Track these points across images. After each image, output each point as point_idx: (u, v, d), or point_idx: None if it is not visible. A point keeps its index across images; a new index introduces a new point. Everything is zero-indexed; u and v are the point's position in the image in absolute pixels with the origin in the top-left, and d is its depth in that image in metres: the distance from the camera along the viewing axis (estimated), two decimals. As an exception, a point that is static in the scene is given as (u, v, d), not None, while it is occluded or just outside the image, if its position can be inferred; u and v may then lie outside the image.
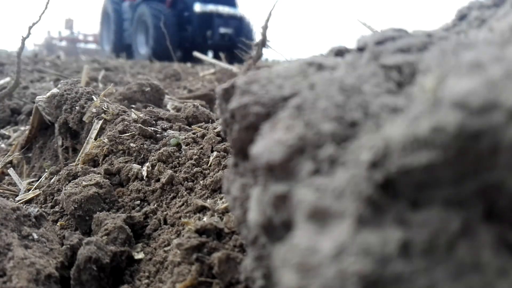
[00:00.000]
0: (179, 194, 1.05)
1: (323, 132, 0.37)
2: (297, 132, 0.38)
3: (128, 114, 1.44)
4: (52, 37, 21.14)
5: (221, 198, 0.95)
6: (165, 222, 1.00)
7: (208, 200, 0.97)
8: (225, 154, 1.11)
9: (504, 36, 0.44)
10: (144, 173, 1.16)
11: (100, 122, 1.42)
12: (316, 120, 0.38)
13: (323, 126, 0.37)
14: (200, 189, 1.03)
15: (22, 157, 1.67)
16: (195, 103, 1.60)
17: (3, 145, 1.97)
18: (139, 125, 1.33)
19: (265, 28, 2.38)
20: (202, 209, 0.94)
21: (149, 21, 11.20)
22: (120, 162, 1.23)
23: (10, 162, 1.64)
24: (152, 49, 10.73)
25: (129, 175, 1.18)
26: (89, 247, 0.82)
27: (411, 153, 0.29)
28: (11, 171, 1.48)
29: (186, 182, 1.08)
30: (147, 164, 1.19)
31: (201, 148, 1.17)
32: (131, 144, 1.26)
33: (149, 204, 1.09)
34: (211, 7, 11.66)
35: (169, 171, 1.11)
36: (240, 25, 12.27)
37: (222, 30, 11.79)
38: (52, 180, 1.28)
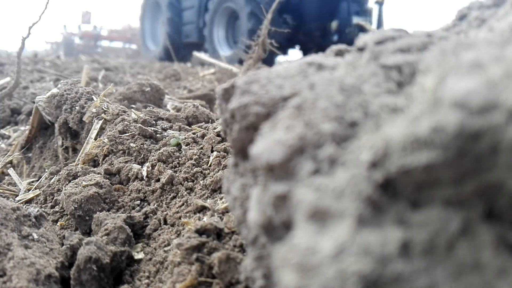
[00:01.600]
0: (179, 194, 1.05)
1: (323, 132, 0.37)
2: (297, 132, 0.38)
3: (128, 114, 1.44)
4: (72, 33, 17.44)
5: (221, 198, 0.95)
6: (165, 222, 1.00)
7: (208, 200, 0.97)
8: (225, 154, 1.11)
9: (504, 36, 0.44)
10: (144, 173, 1.16)
11: (100, 122, 1.42)
12: (316, 120, 0.38)
13: (323, 126, 0.37)
14: (200, 189, 1.03)
15: (22, 157, 1.67)
16: (195, 103, 1.60)
17: (3, 145, 1.97)
18: (139, 125, 1.33)
19: (265, 27, 2.38)
20: (202, 209, 0.94)
21: (240, 7, 7.38)
22: (120, 162, 1.23)
23: (10, 162, 1.64)
24: (246, 47, 7.04)
25: (129, 175, 1.18)
26: (89, 247, 0.82)
27: (411, 153, 0.29)
28: (11, 171, 1.48)
29: (186, 182, 1.08)
30: (147, 164, 1.19)
31: (201, 148, 1.17)
32: (131, 144, 1.26)
33: (149, 204, 1.09)
34: (338, -13, 7.33)
35: (169, 171, 1.11)
36: (378, 13, 7.92)
37: (356, 20, 7.50)
38: (52, 180, 1.28)
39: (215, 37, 8.25)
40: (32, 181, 1.41)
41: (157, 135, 1.32)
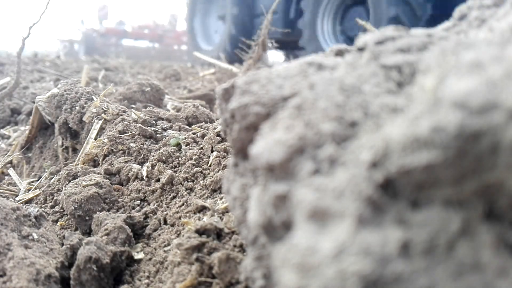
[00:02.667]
0: (179, 194, 1.05)
1: (323, 132, 0.37)
2: (297, 132, 0.38)
3: (128, 114, 1.44)
4: (93, 29, 14.43)
5: (221, 198, 0.95)
6: (165, 222, 1.00)
7: (208, 200, 0.97)
8: (225, 154, 1.11)
9: (504, 36, 0.44)
10: (144, 173, 1.16)
11: (100, 122, 1.42)
12: (316, 120, 0.38)
13: (323, 126, 0.37)
14: (200, 189, 1.03)
15: (22, 157, 1.67)
16: (195, 103, 1.60)
17: (3, 145, 1.97)
18: (139, 125, 1.33)
19: (265, 27, 2.38)
20: (202, 209, 0.94)
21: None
22: (120, 162, 1.23)
23: (10, 162, 1.64)
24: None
25: (129, 175, 1.18)
26: (89, 247, 0.82)
27: (411, 153, 0.29)
28: (11, 171, 1.48)
29: (186, 182, 1.08)
30: (147, 164, 1.19)
31: (201, 148, 1.17)
32: (131, 144, 1.26)
33: (149, 204, 1.09)
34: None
35: (169, 171, 1.11)
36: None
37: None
38: (52, 180, 1.28)
39: (320, 32, 5.50)
40: (32, 181, 1.41)
41: (157, 135, 1.32)
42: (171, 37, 14.60)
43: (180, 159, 1.17)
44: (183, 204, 1.01)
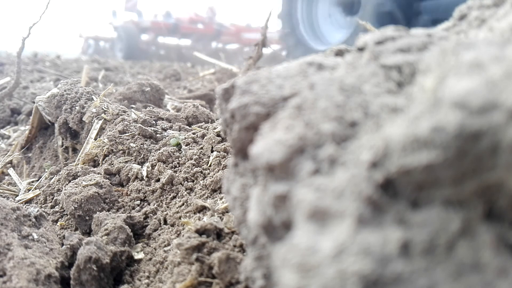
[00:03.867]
0: (179, 194, 1.05)
1: (323, 132, 0.37)
2: (297, 132, 0.38)
3: (128, 114, 1.44)
4: (133, 22, 10.80)
5: (221, 198, 0.95)
6: (165, 222, 1.00)
7: (208, 200, 0.97)
8: (225, 154, 1.11)
9: (504, 36, 0.44)
10: (144, 173, 1.16)
11: (100, 122, 1.42)
12: (316, 120, 0.38)
13: (323, 126, 0.37)
14: (200, 189, 1.03)
15: (22, 157, 1.67)
16: (195, 103, 1.60)
17: (3, 145, 1.97)
18: (139, 125, 1.33)
19: (265, 28, 2.38)
20: (202, 209, 0.94)
21: None
22: (120, 162, 1.23)
23: (10, 162, 1.64)
24: None
25: (129, 175, 1.18)
26: (89, 247, 0.82)
27: (411, 153, 0.29)
28: (11, 171, 1.48)
29: (186, 182, 1.08)
30: (147, 164, 1.19)
31: (201, 148, 1.17)
32: (131, 144, 1.26)
33: (149, 204, 1.09)
34: None
35: (169, 171, 1.11)
36: None
37: None
38: (52, 180, 1.28)
39: None
40: (32, 181, 1.41)
41: (157, 135, 1.32)
42: (229, 33, 11.14)
43: (180, 159, 1.17)
44: (183, 204, 1.01)
